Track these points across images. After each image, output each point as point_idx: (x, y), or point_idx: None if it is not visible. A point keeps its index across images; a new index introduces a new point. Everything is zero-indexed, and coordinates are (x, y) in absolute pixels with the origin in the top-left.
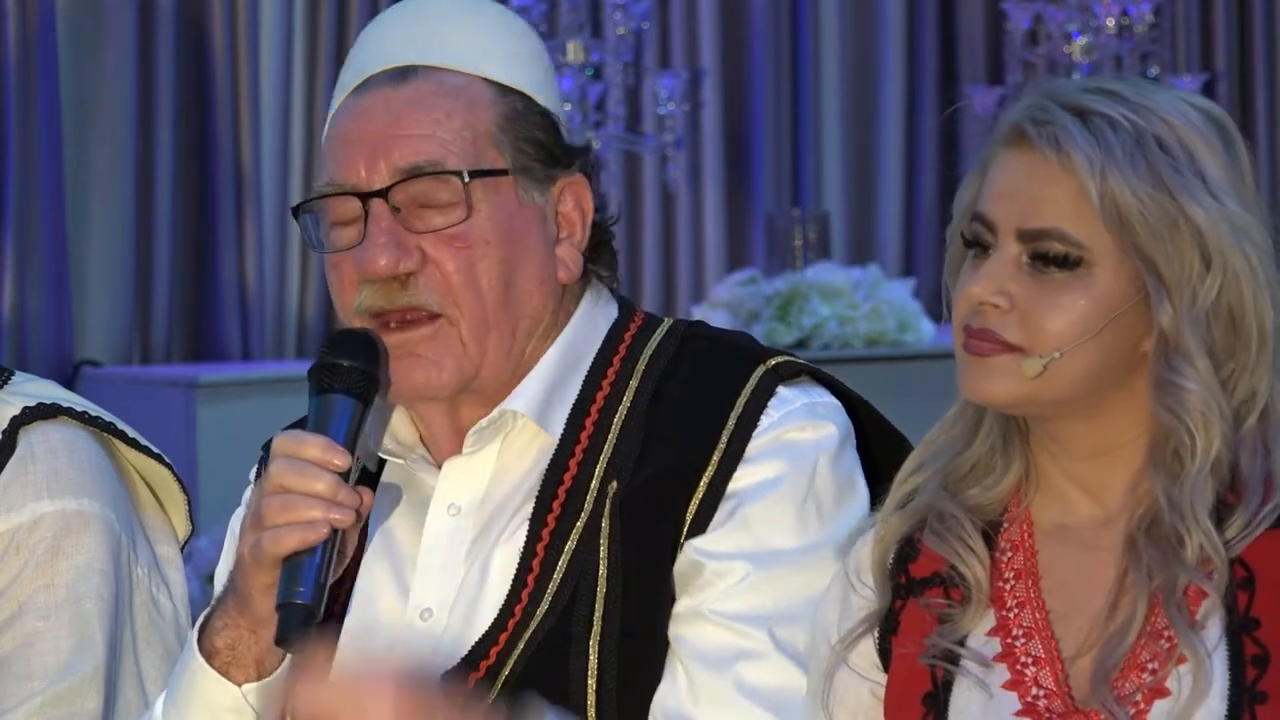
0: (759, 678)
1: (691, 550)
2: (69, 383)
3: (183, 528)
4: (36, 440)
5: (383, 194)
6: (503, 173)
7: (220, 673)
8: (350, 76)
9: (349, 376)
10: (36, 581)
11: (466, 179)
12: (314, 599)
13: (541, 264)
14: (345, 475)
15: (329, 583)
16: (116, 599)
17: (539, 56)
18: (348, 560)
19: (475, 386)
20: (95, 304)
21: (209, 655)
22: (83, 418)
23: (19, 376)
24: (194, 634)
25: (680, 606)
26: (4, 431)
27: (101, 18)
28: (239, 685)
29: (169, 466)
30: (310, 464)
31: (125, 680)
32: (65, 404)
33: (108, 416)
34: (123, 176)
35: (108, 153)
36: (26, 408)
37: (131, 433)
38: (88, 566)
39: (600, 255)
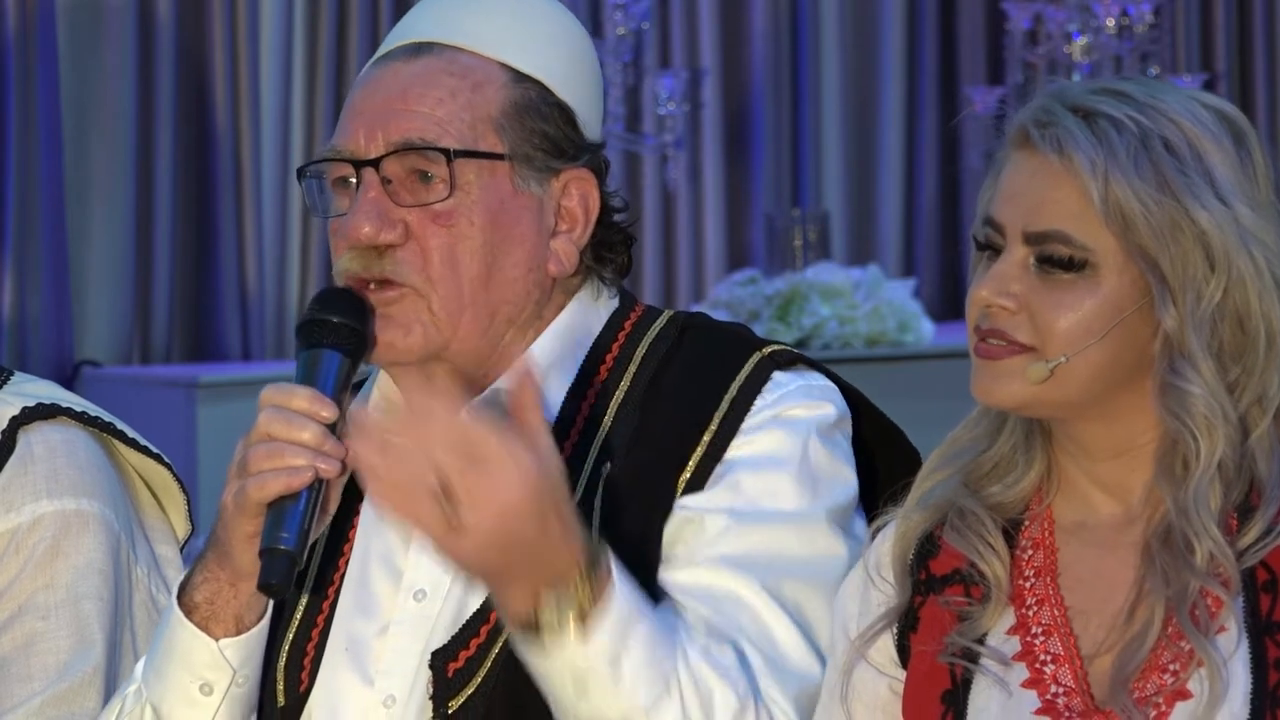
0: (746, 619)
1: (680, 509)
2: (69, 383)
3: (182, 528)
4: (36, 440)
5: (374, 164)
6: (498, 157)
7: (199, 627)
8: (380, 48)
9: (338, 332)
10: (36, 582)
11: (452, 157)
12: (298, 546)
13: (530, 253)
14: (332, 428)
15: (311, 534)
16: (116, 599)
17: (573, 50)
18: (330, 516)
19: (448, 357)
20: (95, 304)
21: (188, 610)
22: (82, 418)
23: (18, 376)
24: (174, 591)
25: (670, 554)
26: (3, 432)
27: (101, 18)
28: (216, 640)
29: (168, 466)
30: (297, 414)
31: (125, 680)
32: (64, 404)
33: (107, 416)
34: (123, 176)
35: (108, 153)
36: (26, 408)
37: (131, 433)
38: (87, 566)
39: (606, 257)
